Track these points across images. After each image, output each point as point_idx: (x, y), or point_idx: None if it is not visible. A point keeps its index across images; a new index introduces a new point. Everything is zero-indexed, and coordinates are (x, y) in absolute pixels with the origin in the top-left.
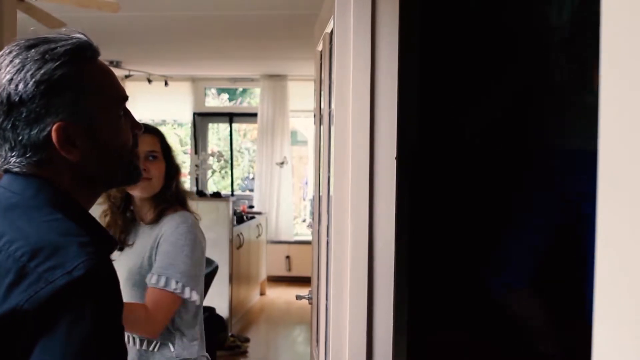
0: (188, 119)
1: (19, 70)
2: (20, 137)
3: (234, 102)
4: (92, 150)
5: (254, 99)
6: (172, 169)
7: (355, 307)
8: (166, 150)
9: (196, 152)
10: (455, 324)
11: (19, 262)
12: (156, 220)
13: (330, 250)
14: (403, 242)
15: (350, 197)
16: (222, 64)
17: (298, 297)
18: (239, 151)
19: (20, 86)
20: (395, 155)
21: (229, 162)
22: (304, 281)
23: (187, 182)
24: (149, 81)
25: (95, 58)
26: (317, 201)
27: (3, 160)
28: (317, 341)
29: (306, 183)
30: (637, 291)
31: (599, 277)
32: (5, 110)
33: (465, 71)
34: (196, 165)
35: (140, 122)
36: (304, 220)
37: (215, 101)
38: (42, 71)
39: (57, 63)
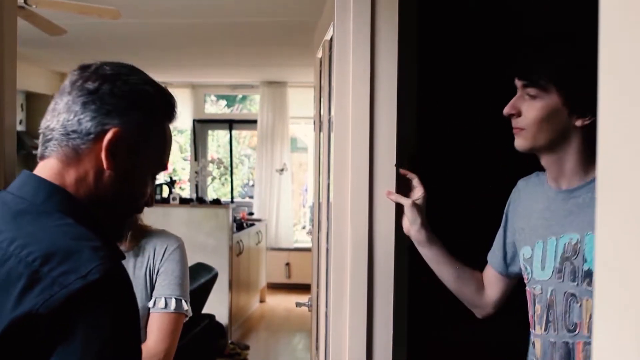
0: (188, 125)
1: (125, 74)
2: (79, 117)
3: (231, 108)
4: (120, 174)
5: (253, 106)
6: None
7: (355, 314)
8: None
9: (196, 159)
10: (455, 332)
11: (31, 266)
12: (135, 246)
13: (330, 257)
14: (403, 250)
15: (350, 204)
16: (222, 71)
17: (298, 304)
18: (238, 158)
19: (119, 82)
20: (394, 162)
21: (229, 168)
22: (304, 288)
23: (187, 189)
24: None
25: (172, 121)
26: (317, 208)
27: (48, 129)
28: (317, 348)
29: (306, 190)
30: (637, 293)
31: (599, 279)
32: (94, 90)
33: (465, 78)
34: (196, 172)
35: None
36: (303, 227)
37: (215, 108)
38: (140, 86)
39: (153, 90)
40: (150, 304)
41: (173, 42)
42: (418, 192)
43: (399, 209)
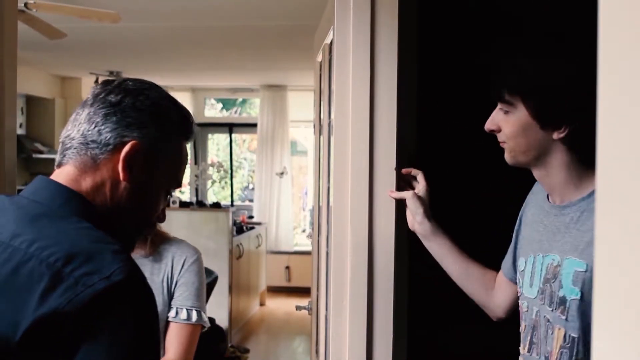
0: None
1: (147, 89)
2: (101, 127)
3: (229, 112)
4: (135, 187)
5: (253, 109)
6: None
7: (355, 318)
8: None
9: (196, 162)
10: (456, 337)
11: (53, 267)
12: (154, 251)
13: (330, 261)
14: (403, 253)
15: (350, 207)
16: (222, 74)
17: (298, 308)
18: (238, 161)
19: (142, 97)
20: (394, 165)
21: (229, 172)
22: (304, 291)
23: (187, 192)
24: None
25: (189, 140)
26: (316, 211)
27: (68, 138)
28: (317, 352)
29: (306, 193)
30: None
31: (598, 283)
32: (116, 102)
33: (465, 80)
34: (196, 176)
35: None
36: (303, 231)
37: (215, 111)
38: (162, 102)
39: (174, 107)
40: (171, 315)
41: (173, 45)
42: (421, 185)
43: (399, 213)
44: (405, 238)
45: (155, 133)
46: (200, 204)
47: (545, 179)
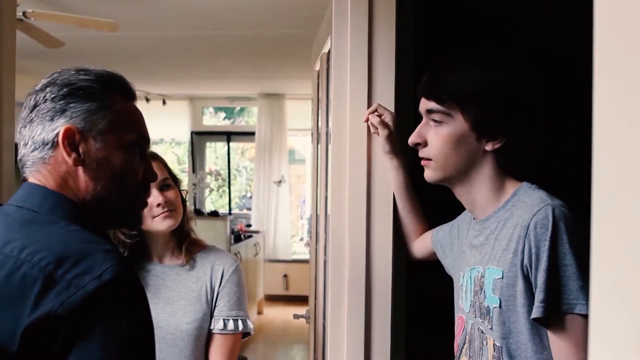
0: (186, 137)
1: (54, 78)
2: (33, 133)
3: (232, 120)
4: (93, 164)
5: (251, 118)
6: (182, 194)
7: (353, 327)
8: (172, 175)
9: (194, 170)
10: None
11: (45, 271)
12: (190, 259)
13: (327, 269)
14: (401, 261)
15: (348, 215)
16: (220, 83)
17: (296, 317)
18: (236, 170)
19: (49, 89)
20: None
21: (227, 180)
22: (302, 300)
23: None
24: (147, 100)
25: (129, 96)
26: (314, 220)
27: (22, 156)
28: None
29: (304, 202)
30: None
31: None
32: (32, 106)
33: None
34: (194, 184)
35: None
36: (301, 239)
37: (213, 120)
38: (71, 79)
39: (87, 77)
40: (219, 326)
41: (171, 54)
42: (387, 117)
43: (398, 221)
44: (403, 247)
45: (79, 109)
46: (198, 213)
47: (467, 195)
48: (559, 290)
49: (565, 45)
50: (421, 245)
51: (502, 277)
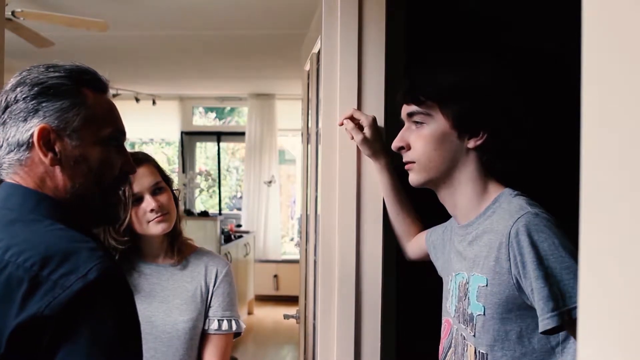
0: (176, 137)
1: (23, 77)
2: (7, 135)
3: (222, 121)
4: (70, 162)
5: (241, 118)
6: (174, 194)
7: (343, 326)
8: (165, 176)
9: (184, 170)
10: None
11: (30, 271)
12: (182, 259)
13: (318, 269)
14: (391, 262)
15: (338, 215)
16: (210, 83)
17: (286, 317)
18: (226, 170)
19: (19, 89)
20: None
21: (217, 180)
22: (292, 300)
23: None
24: (137, 100)
25: (100, 89)
26: (304, 220)
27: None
28: None
29: (294, 202)
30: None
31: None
32: (3, 108)
33: None
34: (184, 184)
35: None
36: (291, 239)
37: (203, 120)
38: (41, 77)
39: (57, 74)
40: (213, 327)
41: (161, 54)
42: (367, 128)
43: (387, 221)
44: (393, 247)
45: (51, 107)
46: (188, 213)
47: (451, 198)
48: (562, 295)
49: (555, 45)
50: (416, 246)
51: (487, 285)
